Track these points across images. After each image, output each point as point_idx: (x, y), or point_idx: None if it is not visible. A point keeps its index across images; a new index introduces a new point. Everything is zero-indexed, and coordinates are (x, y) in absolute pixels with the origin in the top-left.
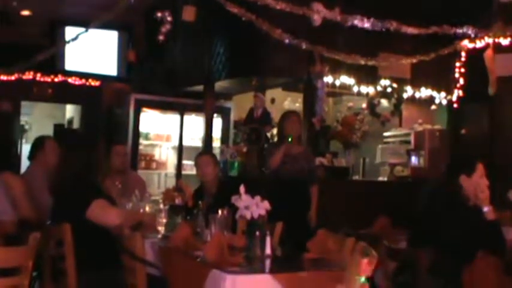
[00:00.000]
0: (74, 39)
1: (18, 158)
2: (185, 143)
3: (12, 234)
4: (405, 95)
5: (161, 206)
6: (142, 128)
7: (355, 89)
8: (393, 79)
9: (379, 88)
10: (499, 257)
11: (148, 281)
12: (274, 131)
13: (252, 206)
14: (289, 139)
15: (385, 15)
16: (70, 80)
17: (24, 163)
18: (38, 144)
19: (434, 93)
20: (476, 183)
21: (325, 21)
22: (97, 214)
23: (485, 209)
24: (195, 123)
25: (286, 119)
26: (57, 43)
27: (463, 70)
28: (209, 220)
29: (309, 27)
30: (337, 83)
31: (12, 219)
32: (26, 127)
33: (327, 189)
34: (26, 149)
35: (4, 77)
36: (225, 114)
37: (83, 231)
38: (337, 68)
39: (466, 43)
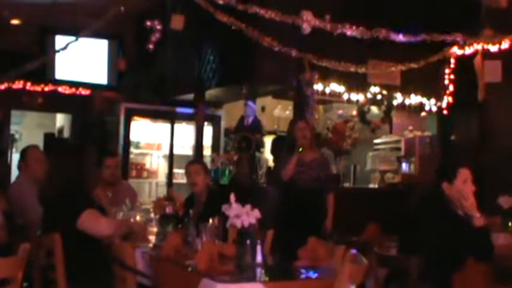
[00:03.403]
0: (64, 48)
1: (8, 167)
2: (176, 151)
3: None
4: (395, 102)
5: (152, 215)
6: (133, 136)
7: (345, 96)
8: (383, 86)
9: (369, 95)
10: (488, 264)
11: None
12: (265, 138)
13: (243, 215)
14: (300, 149)
15: (374, 23)
16: (60, 88)
17: (15, 172)
18: (22, 154)
19: (424, 100)
20: (460, 190)
21: (315, 29)
22: (88, 224)
23: (474, 215)
24: (185, 132)
25: (294, 126)
26: (48, 52)
27: (452, 77)
28: (200, 229)
29: (299, 35)
30: (327, 90)
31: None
32: (16, 136)
33: None
34: (16, 158)
35: None
36: (215, 122)
37: (74, 241)
38: (327, 76)
39: (455, 50)
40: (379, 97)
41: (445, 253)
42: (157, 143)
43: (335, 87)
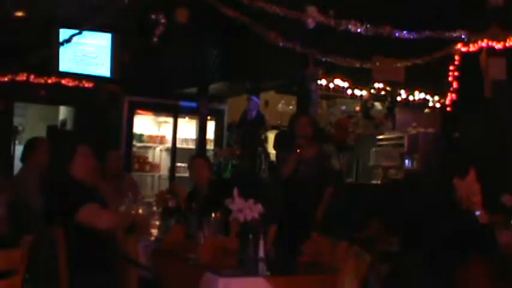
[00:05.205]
0: (67, 41)
1: (11, 159)
2: (179, 145)
3: (2, 234)
4: (399, 98)
5: (154, 208)
6: (136, 129)
7: (349, 92)
8: (387, 82)
9: (372, 91)
10: (492, 261)
11: (141, 284)
12: (268, 133)
13: (246, 209)
14: (298, 151)
15: (378, 19)
16: (63, 81)
17: (18, 164)
18: (30, 145)
19: (428, 97)
20: (470, 187)
21: (319, 24)
22: (88, 218)
23: (478, 212)
24: (188, 126)
25: (297, 121)
26: (51, 44)
27: (456, 74)
28: (203, 223)
29: (303, 30)
30: (331, 85)
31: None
32: (20, 128)
33: None
34: (19, 150)
35: None
36: (218, 116)
37: (75, 233)
38: (331, 71)
39: (459, 47)
40: (382, 93)
41: (450, 249)
42: (160, 137)
43: (339, 82)
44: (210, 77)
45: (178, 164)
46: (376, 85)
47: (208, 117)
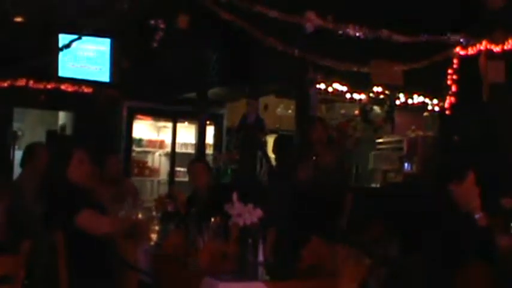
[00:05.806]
0: (67, 46)
1: (11, 164)
2: (178, 149)
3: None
4: (398, 102)
5: (154, 213)
6: (135, 134)
7: (348, 95)
8: (386, 86)
9: (371, 95)
10: (491, 264)
11: None
12: (267, 137)
13: (245, 213)
14: (314, 157)
15: (377, 23)
16: (63, 86)
17: (17, 169)
18: (29, 151)
19: (427, 100)
20: (467, 190)
21: (318, 29)
22: (86, 224)
23: (477, 215)
24: (188, 130)
25: (311, 128)
26: (51, 50)
27: (455, 77)
28: (202, 227)
29: (302, 35)
30: (330, 89)
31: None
32: (19, 133)
33: None
34: (18, 155)
35: None
36: (218, 121)
37: (75, 238)
38: (330, 75)
39: (458, 50)
40: (381, 97)
41: (448, 252)
42: (160, 141)
43: (338, 86)
44: (209, 81)
45: (178, 169)
46: (375, 89)
47: (208, 122)
